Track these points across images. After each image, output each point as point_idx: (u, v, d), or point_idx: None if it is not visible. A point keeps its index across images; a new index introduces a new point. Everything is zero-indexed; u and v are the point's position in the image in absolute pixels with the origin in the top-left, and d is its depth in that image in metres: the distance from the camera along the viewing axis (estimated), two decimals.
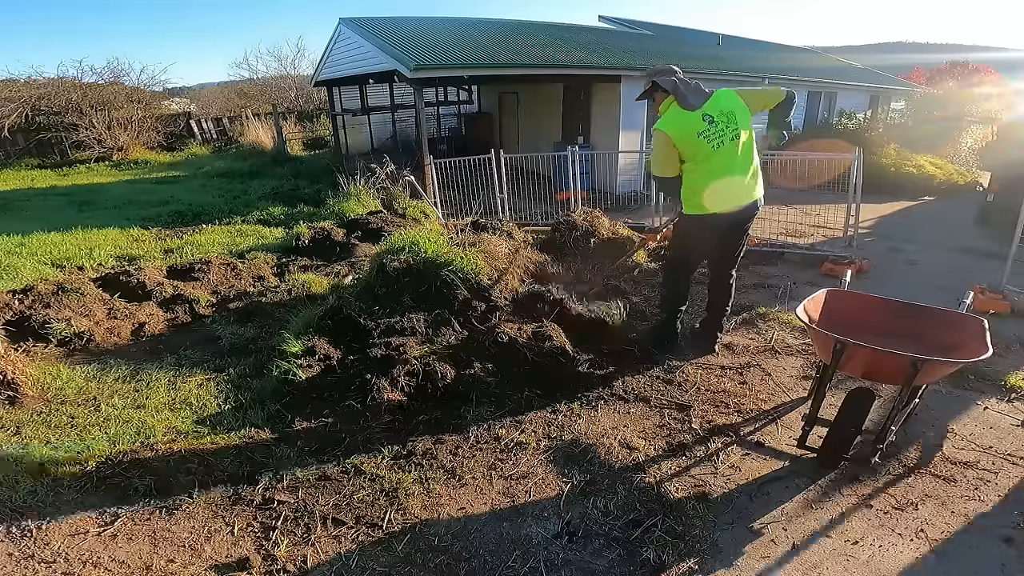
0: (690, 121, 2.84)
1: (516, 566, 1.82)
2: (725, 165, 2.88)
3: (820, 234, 6.31)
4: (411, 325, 3.30)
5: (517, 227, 5.53)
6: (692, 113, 2.85)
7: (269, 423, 2.68)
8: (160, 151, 14.66)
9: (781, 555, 1.86)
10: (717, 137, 2.84)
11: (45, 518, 2.05)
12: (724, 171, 2.89)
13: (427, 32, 10.05)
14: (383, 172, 7.64)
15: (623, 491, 2.15)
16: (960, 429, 2.56)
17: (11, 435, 2.60)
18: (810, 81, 13.28)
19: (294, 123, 17.80)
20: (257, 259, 5.32)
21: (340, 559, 1.87)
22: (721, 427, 2.58)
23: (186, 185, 10.24)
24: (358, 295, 3.76)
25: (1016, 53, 14.97)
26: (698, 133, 2.83)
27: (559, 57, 9.05)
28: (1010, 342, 3.44)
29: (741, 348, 3.40)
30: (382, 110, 12.50)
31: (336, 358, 3.09)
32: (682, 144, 2.86)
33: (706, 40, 15.01)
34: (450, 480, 2.24)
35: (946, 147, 12.10)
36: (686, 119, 2.85)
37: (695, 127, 2.84)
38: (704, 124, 2.83)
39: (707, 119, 2.84)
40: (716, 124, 2.84)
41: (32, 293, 3.89)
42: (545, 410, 2.72)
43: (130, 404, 2.89)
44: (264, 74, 23.23)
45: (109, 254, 5.65)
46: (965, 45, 17.45)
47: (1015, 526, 1.96)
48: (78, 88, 14.19)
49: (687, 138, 2.85)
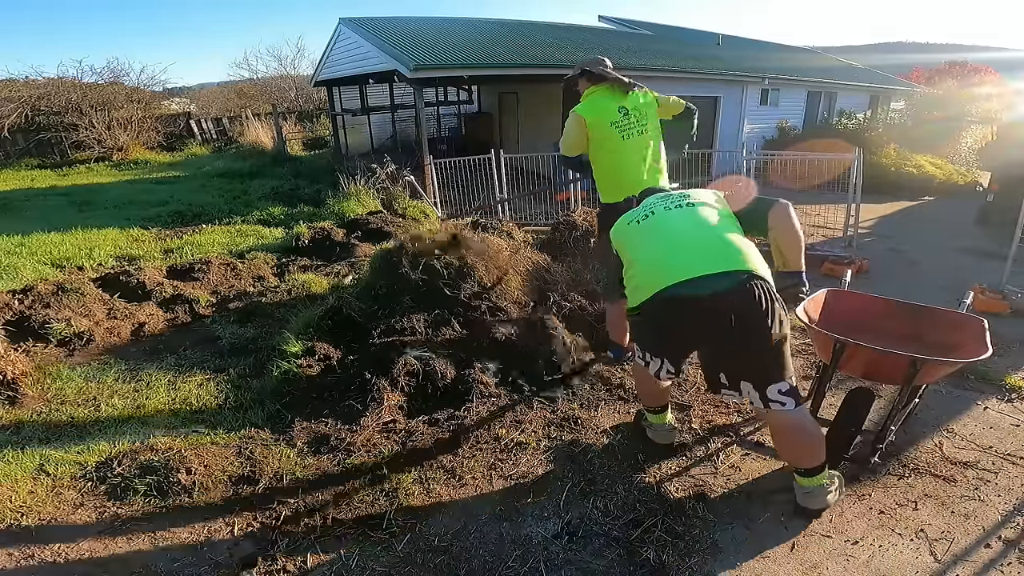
0: (607, 110, 3.03)
1: (516, 566, 1.82)
2: (633, 157, 3.08)
3: (820, 234, 6.31)
4: (411, 325, 3.30)
5: (517, 227, 5.54)
6: (610, 104, 3.04)
7: (269, 423, 2.69)
8: (160, 151, 14.66)
9: (781, 555, 1.86)
10: (627, 129, 3.03)
11: (45, 518, 2.05)
12: (633, 162, 3.09)
13: (427, 32, 10.06)
14: (383, 172, 7.64)
15: (623, 491, 2.15)
16: (960, 429, 2.56)
17: (11, 435, 2.60)
18: (810, 81, 13.28)
19: (294, 123, 17.79)
20: (257, 259, 5.32)
21: (340, 559, 1.87)
22: (721, 427, 2.59)
23: (186, 185, 10.23)
24: (358, 295, 3.76)
25: (1016, 53, 14.94)
26: (611, 123, 3.02)
27: (559, 57, 9.06)
28: (1010, 342, 3.44)
29: None
30: (382, 110, 12.50)
31: (336, 358, 3.09)
32: (594, 130, 3.04)
33: (706, 40, 15.02)
34: (450, 480, 2.24)
35: (946, 147, 12.10)
36: (604, 107, 3.03)
37: (610, 116, 3.02)
38: (619, 115, 3.03)
39: (622, 111, 3.04)
40: (629, 117, 3.04)
41: (32, 293, 3.88)
42: (545, 410, 2.72)
43: (130, 404, 2.89)
44: (264, 74, 23.26)
45: (109, 254, 5.65)
46: (965, 45, 17.49)
47: (1015, 526, 1.96)
48: (78, 88, 14.18)
49: (600, 126, 3.02)
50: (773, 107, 12.59)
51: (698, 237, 1.95)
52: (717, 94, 11.33)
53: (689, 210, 2.04)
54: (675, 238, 1.98)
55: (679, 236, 1.98)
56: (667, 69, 10.16)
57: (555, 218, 6.06)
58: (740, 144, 10.38)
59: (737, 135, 11.72)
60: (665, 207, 2.09)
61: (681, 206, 2.07)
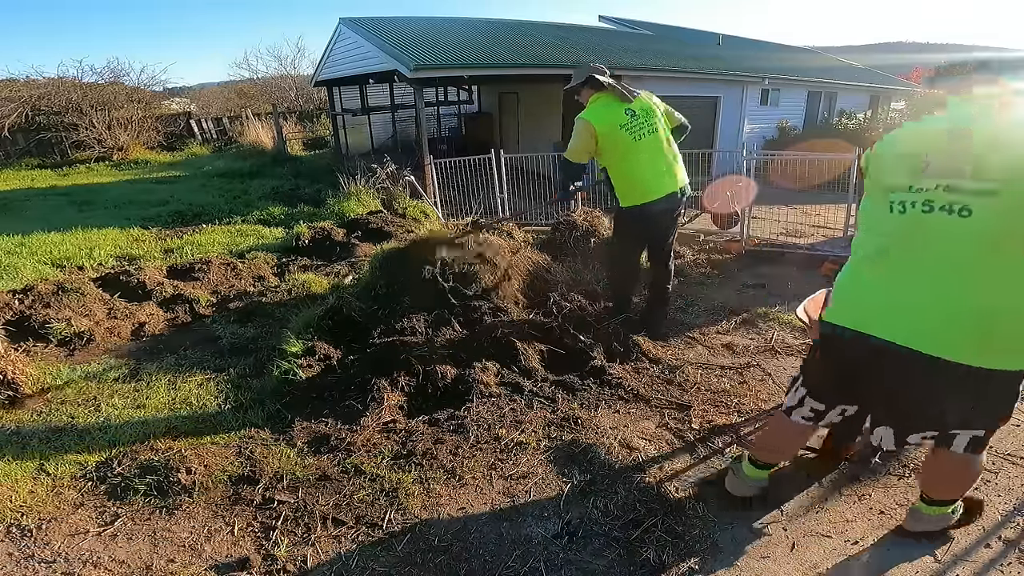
0: (615, 115, 3.08)
1: (516, 566, 1.82)
2: (649, 156, 3.11)
3: (820, 234, 6.30)
4: (411, 325, 3.30)
5: (517, 227, 5.54)
6: (617, 107, 3.08)
7: (269, 423, 2.69)
8: (160, 151, 14.67)
9: (781, 555, 1.86)
10: (637, 130, 3.08)
11: (45, 518, 2.05)
12: (649, 161, 3.12)
13: (427, 32, 10.06)
14: (383, 172, 7.64)
15: (623, 491, 2.14)
16: None
17: (11, 435, 2.60)
18: (810, 81, 13.28)
19: (294, 123, 17.80)
20: (257, 259, 5.33)
21: (340, 559, 1.87)
22: (721, 427, 2.58)
23: (186, 185, 10.24)
24: (358, 295, 3.76)
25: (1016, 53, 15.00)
26: (620, 125, 3.06)
27: (559, 57, 9.06)
28: None
29: (741, 348, 3.40)
30: (382, 110, 12.51)
31: (336, 358, 3.09)
32: (604, 136, 3.08)
33: (706, 40, 15.02)
34: (450, 480, 2.24)
35: None
36: (611, 112, 3.08)
37: (618, 120, 3.07)
38: (626, 118, 3.08)
39: (629, 113, 3.08)
40: (636, 118, 3.09)
41: (32, 293, 3.89)
42: (545, 410, 2.72)
43: (130, 404, 2.89)
44: (264, 74, 23.29)
45: (109, 254, 5.65)
46: (965, 45, 17.43)
47: (1015, 526, 1.96)
48: (78, 88, 14.19)
49: (610, 131, 3.07)
50: (773, 107, 12.59)
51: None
52: (717, 94, 11.33)
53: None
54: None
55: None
56: (667, 69, 10.16)
57: (555, 218, 6.06)
58: (740, 144, 10.36)
59: (737, 135, 11.72)
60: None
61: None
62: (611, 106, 3.09)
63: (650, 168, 3.12)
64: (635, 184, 3.17)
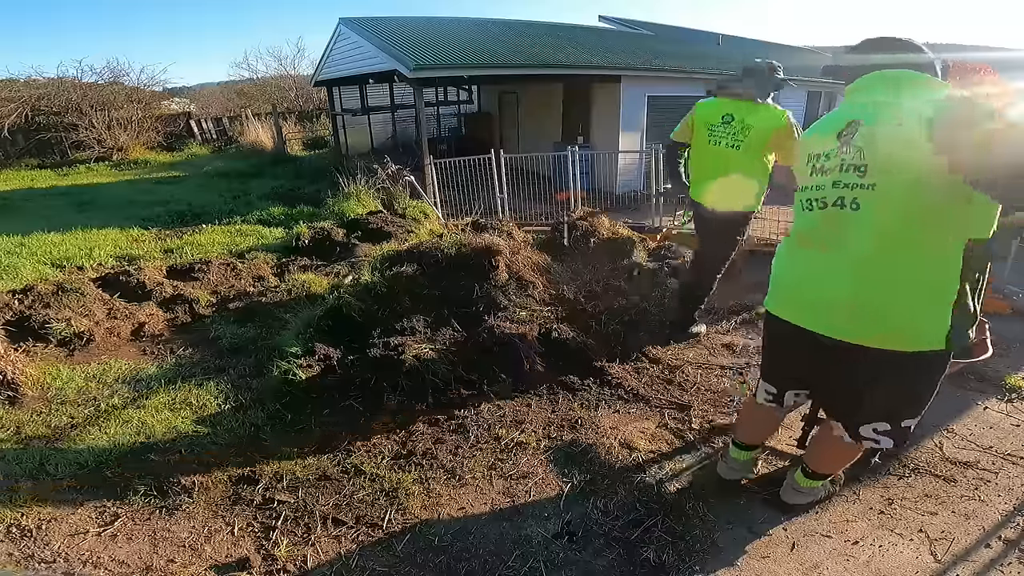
0: (714, 113, 3.05)
1: (516, 566, 1.82)
2: (710, 163, 3.10)
3: None
4: (411, 325, 3.30)
5: (517, 227, 5.53)
6: (722, 108, 3.04)
7: (269, 423, 2.68)
8: (160, 151, 14.66)
9: (781, 555, 1.86)
10: (719, 136, 3.02)
11: (45, 518, 2.05)
12: (707, 167, 3.12)
13: (427, 32, 10.05)
14: (383, 172, 7.64)
15: (623, 491, 2.14)
16: (960, 429, 2.56)
17: (11, 435, 2.60)
18: (810, 81, 13.27)
19: (294, 123, 17.79)
20: (257, 259, 5.32)
21: (340, 559, 1.87)
22: (721, 427, 2.58)
23: (186, 185, 10.23)
24: (358, 295, 3.76)
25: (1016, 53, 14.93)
26: (709, 125, 3.05)
27: (559, 57, 9.04)
28: (1010, 342, 3.43)
29: (741, 348, 3.40)
30: (382, 110, 12.50)
31: (336, 358, 3.09)
32: (696, 125, 3.13)
33: (706, 40, 15.01)
34: (450, 480, 2.24)
35: None
36: (714, 109, 3.07)
37: (712, 119, 3.05)
38: (719, 121, 3.02)
39: (726, 118, 3.01)
40: (730, 127, 2.99)
41: (32, 293, 3.88)
42: (545, 410, 2.72)
43: (130, 404, 2.89)
44: (264, 74, 23.25)
45: (109, 254, 5.65)
46: (965, 45, 17.32)
47: (1015, 526, 1.96)
48: (78, 88, 14.18)
49: (700, 123, 3.10)
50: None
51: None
52: None
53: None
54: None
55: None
56: (667, 69, 10.15)
57: (555, 218, 6.06)
58: None
59: None
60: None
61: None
62: (719, 105, 3.07)
63: (705, 172, 3.16)
64: (694, 178, 3.28)
